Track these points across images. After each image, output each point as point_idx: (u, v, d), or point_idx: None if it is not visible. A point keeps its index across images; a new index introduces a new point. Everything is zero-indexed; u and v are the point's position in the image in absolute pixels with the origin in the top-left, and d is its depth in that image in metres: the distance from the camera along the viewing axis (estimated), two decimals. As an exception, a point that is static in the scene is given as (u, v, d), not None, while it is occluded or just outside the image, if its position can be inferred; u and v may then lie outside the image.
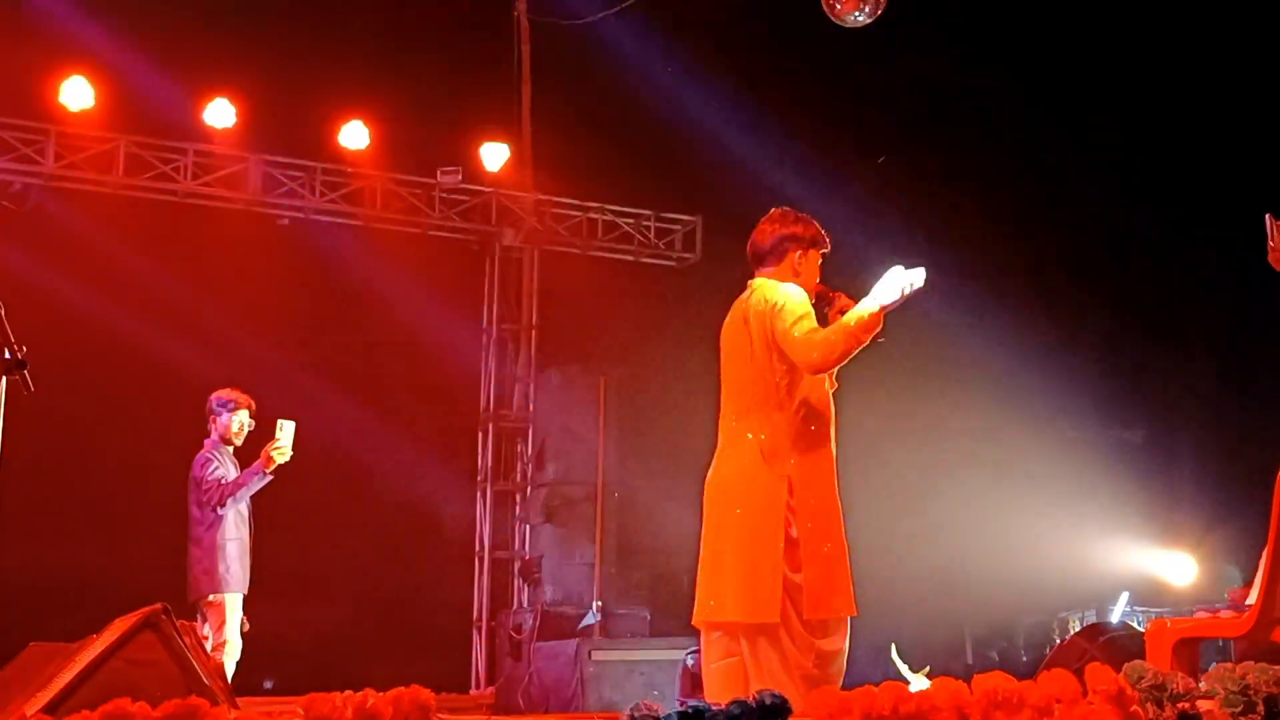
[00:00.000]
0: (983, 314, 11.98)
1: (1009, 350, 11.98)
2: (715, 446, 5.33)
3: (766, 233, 5.35)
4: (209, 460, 7.96)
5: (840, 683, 4.90)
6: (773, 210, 5.43)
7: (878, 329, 4.98)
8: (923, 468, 11.80)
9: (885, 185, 11.66)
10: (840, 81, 11.82)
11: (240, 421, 8.08)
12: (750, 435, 5.12)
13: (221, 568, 7.82)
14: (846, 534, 5.16)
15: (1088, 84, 11.98)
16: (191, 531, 7.93)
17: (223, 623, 7.76)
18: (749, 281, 5.35)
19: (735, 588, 5.02)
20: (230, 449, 8.12)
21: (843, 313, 5.21)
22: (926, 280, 5.01)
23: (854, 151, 11.92)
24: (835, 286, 5.38)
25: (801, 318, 5.04)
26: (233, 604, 7.86)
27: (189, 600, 7.80)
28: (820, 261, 5.38)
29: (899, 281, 4.98)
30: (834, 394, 5.32)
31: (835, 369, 5.14)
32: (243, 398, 8.13)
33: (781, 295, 5.13)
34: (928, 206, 12.03)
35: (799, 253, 5.29)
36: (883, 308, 4.95)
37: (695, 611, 5.20)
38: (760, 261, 5.35)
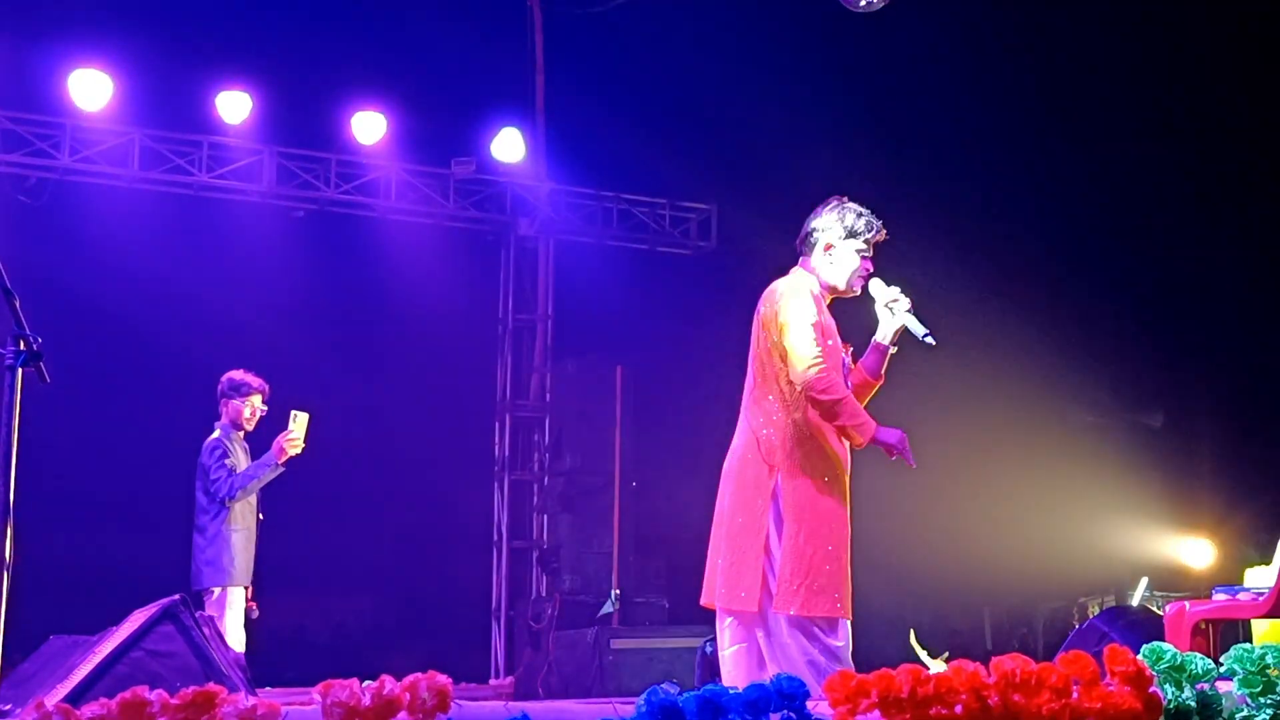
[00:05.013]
0: (999, 299, 11.95)
1: (1026, 335, 11.95)
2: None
3: (806, 222, 5.34)
4: (217, 447, 7.81)
5: None
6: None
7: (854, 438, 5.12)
8: (941, 454, 11.74)
9: (902, 170, 11.61)
10: (856, 65, 11.79)
11: (253, 406, 7.93)
12: (754, 426, 5.15)
13: (225, 559, 7.68)
14: (853, 533, 5.15)
15: (1110, 59, 11.92)
16: (196, 519, 7.79)
17: (221, 615, 7.55)
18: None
19: (722, 575, 5.09)
20: (241, 434, 7.98)
21: (889, 307, 5.20)
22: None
23: (870, 136, 11.88)
24: (889, 280, 5.31)
25: (805, 332, 5.03)
26: (234, 597, 7.72)
27: (192, 589, 7.64)
28: (866, 251, 5.29)
29: (892, 438, 5.10)
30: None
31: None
32: (255, 381, 7.98)
33: (790, 306, 5.11)
34: (945, 191, 11.99)
35: (828, 246, 5.26)
36: (872, 439, 5.09)
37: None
38: (799, 250, 5.35)
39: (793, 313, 5.08)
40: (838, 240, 5.25)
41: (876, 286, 5.29)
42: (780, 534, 5.01)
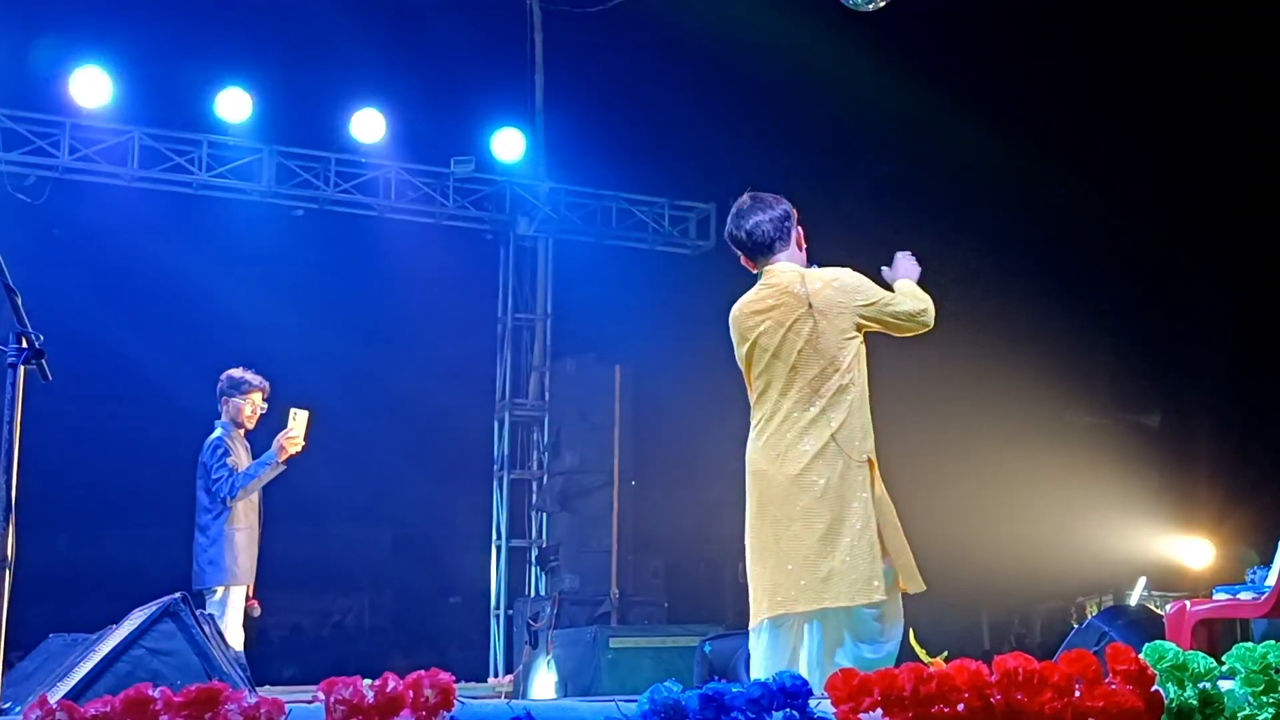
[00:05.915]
0: (998, 299, 11.95)
1: (1025, 336, 11.95)
2: (734, 434, 5.23)
3: (764, 221, 5.11)
4: (219, 446, 7.68)
5: None
6: (745, 199, 5.20)
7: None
8: (938, 454, 11.78)
9: (902, 170, 11.62)
10: (856, 65, 11.79)
11: (253, 404, 7.81)
12: (828, 425, 4.95)
13: (228, 558, 7.56)
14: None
15: (1111, 60, 11.93)
16: (198, 519, 7.68)
17: (223, 614, 7.41)
18: (768, 268, 5.12)
19: (839, 575, 4.84)
20: (242, 432, 7.85)
21: None
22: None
23: (870, 137, 11.89)
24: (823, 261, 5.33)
25: (882, 290, 5.07)
26: (235, 596, 7.62)
27: (193, 589, 7.52)
28: None
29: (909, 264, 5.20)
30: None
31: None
32: (255, 379, 7.84)
33: (845, 274, 5.07)
34: (945, 191, 11.99)
35: (800, 232, 5.23)
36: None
37: (769, 606, 4.90)
38: (768, 249, 5.12)
39: (868, 282, 5.07)
40: (797, 221, 5.19)
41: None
42: (868, 521, 4.93)
